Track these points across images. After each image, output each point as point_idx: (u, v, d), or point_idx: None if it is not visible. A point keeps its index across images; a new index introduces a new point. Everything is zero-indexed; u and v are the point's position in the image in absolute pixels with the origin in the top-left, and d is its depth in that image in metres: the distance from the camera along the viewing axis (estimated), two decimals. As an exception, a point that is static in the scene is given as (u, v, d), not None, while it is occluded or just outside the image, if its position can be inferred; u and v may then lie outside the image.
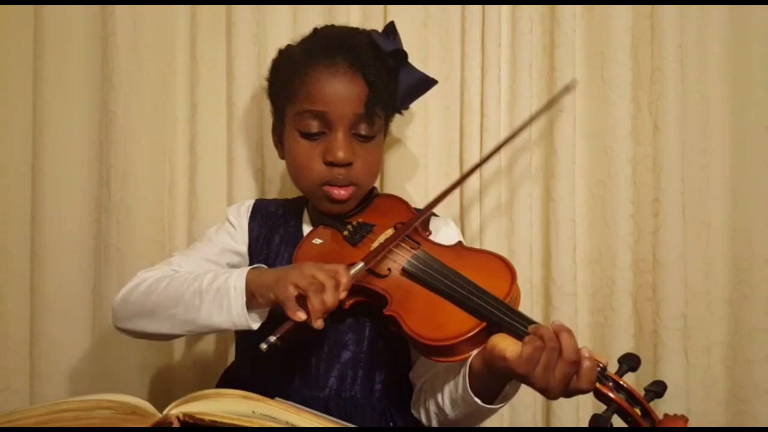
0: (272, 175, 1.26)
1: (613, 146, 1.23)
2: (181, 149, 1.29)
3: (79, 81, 1.22)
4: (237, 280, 0.89)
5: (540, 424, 1.26)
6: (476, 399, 0.82)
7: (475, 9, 1.25)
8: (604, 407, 0.75)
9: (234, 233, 1.08)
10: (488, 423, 0.95)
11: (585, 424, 1.23)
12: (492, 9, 1.24)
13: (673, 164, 1.21)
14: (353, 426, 0.83)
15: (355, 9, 1.26)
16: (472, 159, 1.26)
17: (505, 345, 0.77)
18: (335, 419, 0.77)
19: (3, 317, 1.24)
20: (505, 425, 1.22)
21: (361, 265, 0.88)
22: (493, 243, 1.24)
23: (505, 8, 1.26)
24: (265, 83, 1.11)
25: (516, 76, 1.25)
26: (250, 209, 1.10)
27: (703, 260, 1.25)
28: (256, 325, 0.89)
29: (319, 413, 0.73)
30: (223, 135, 1.27)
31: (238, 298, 0.88)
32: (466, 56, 1.25)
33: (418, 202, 1.12)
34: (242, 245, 1.07)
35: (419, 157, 1.28)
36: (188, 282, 0.92)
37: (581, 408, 1.23)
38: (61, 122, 1.21)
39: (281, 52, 1.08)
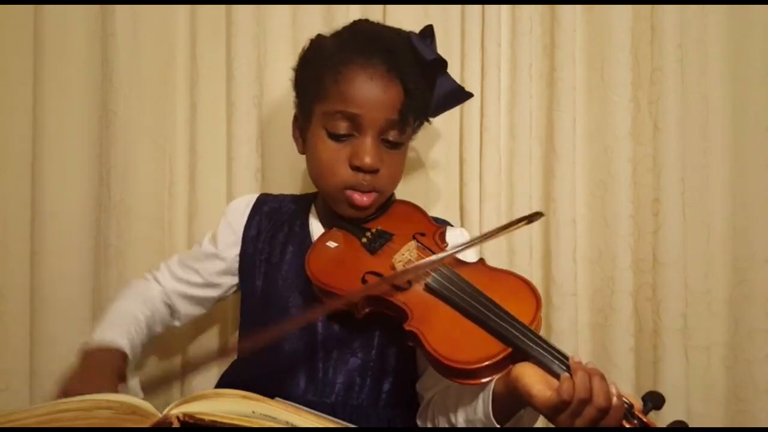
0: (272, 175, 1.26)
1: (613, 146, 1.23)
2: (181, 149, 1.29)
3: (79, 81, 1.21)
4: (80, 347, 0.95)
5: (540, 424, 1.25)
6: (497, 426, 0.80)
7: (474, 9, 1.25)
8: None
9: (221, 235, 1.08)
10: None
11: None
12: (492, 9, 1.24)
13: (673, 164, 1.21)
14: (353, 426, 0.83)
15: (354, 9, 1.26)
16: (472, 159, 1.26)
17: (532, 380, 0.75)
18: (335, 419, 0.77)
19: (3, 317, 1.24)
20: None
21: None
22: (492, 243, 1.24)
23: (504, 8, 1.26)
24: (266, 83, 1.11)
25: (516, 76, 1.25)
26: (251, 206, 1.09)
27: (703, 260, 1.25)
28: None
29: (319, 413, 0.73)
30: (223, 135, 1.26)
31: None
32: (466, 56, 1.25)
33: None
34: (227, 246, 1.07)
35: (419, 156, 1.28)
36: (102, 316, 1.03)
37: (581, 408, 1.23)
38: (61, 122, 1.21)
39: (313, 42, 1.03)
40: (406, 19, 1.23)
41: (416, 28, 1.23)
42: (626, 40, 1.23)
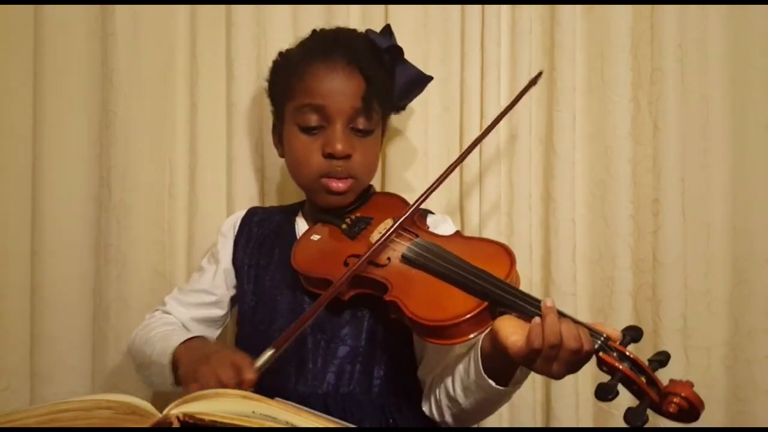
0: (272, 174, 1.26)
1: (613, 146, 1.23)
2: (181, 149, 1.29)
3: (79, 81, 1.22)
4: (166, 356, 0.93)
5: (540, 424, 1.25)
6: (490, 381, 0.82)
7: (474, 9, 1.25)
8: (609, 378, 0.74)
9: (218, 253, 1.10)
10: (487, 423, 0.95)
11: (585, 424, 1.23)
12: (492, 9, 1.24)
13: (673, 164, 1.21)
14: (353, 426, 0.83)
15: (355, 9, 1.26)
16: (472, 159, 1.26)
17: (507, 332, 0.78)
18: (335, 419, 0.77)
19: (3, 317, 1.24)
20: (505, 425, 1.22)
21: (270, 352, 0.84)
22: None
23: (505, 8, 1.26)
24: (265, 83, 1.12)
25: (516, 76, 1.25)
26: (240, 219, 1.12)
27: (703, 260, 1.25)
28: None
29: (319, 413, 0.73)
30: (223, 135, 1.27)
31: (169, 375, 0.93)
32: (466, 56, 1.25)
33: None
34: (226, 262, 1.09)
35: (420, 157, 1.28)
36: (152, 346, 1.00)
37: (581, 407, 1.23)
38: (61, 122, 1.21)
39: (281, 54, 1.10)
40: (407, 19, 1.24)
41: (417, 28, 1.24)
42: (626, 40, 1.23)
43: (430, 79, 1.12)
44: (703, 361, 1.25)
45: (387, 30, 1.10)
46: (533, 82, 1.13)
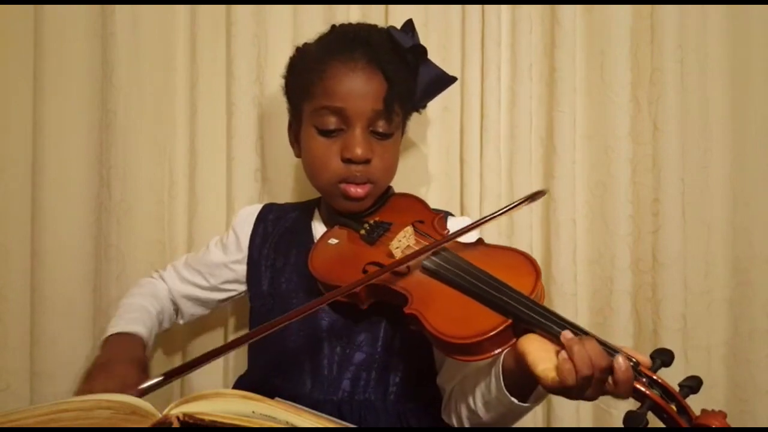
0: (272, 174, 1.26)
1: (613, 146, 1.24)
2: (181, 149, 1.29)
3: (79, 81, 1.21)
4: (105, 334, 1.00)
5: (540, 424, 1.25)
6: (513, 399, 0.79)
7: (475, 9, 1.25)
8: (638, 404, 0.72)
9: (230, 245, 1.09)
10: (488, 423, 0.95)
11: (585, 423, 1.23)
12: (492, 9, 1.25)
13: (673, 164, 1.21)
14: (353, 426, 0.83)
15: (355, 9, 1.26)
16: (472, 159, 1.26)
17: (535, 358, 0.74)
18: (335, 419, 0.77)
19: (3, 317, 1.24)
20: (506, 425, 1.22)
21: (158, 380, 0.74)
22: (492, 241, 1.24)
23: (505, 8, 1.26)
24: (266, 83, 1.11)
25: (516, 76, 1.25)
26: (256, 215, 1.10)
27: (703, 260, 1.26)
28: None
29: (320, 413, 0.73)
30: (223, 135, 1.27)
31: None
32: (466, 56, 1.25)
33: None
34: (236, 258, 1.08)
35: (419, 156, 1.28)
36: (116, 313, 1.07)
37: (581, 408, 1.23)
38: (61, 122, 1.21)
39: (298, 49, 1.07)
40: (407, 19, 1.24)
41: (417, 28, 1.23)
42: (626, 40, 1.23)
43: (454, 79, 1.09)
44: (703, 361, 1.25)
45: (409, 26, 1.05)
46: (531, 198, 0.96)
